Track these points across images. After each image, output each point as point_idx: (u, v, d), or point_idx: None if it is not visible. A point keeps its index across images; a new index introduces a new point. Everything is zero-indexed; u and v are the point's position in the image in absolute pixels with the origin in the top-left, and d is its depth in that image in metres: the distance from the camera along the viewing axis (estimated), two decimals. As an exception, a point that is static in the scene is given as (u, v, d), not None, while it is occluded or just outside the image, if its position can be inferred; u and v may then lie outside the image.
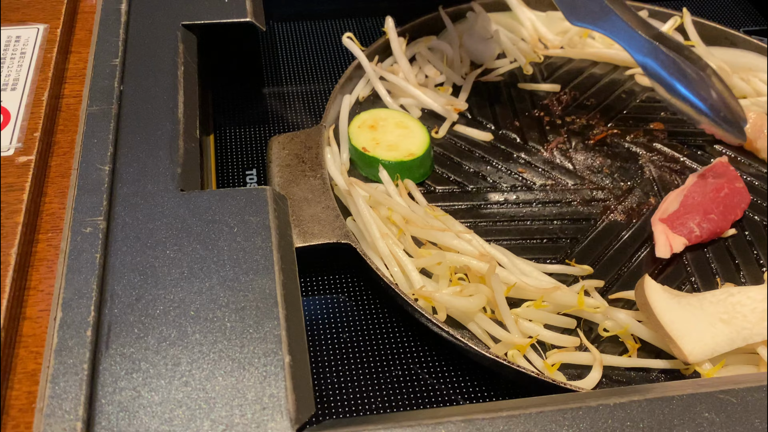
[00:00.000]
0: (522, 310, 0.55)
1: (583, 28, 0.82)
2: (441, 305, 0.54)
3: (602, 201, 0.67)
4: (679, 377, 0.53)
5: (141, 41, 0.61)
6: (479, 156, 0.71)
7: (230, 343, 0.41)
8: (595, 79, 0.81)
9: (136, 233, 0.46)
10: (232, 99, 0.80)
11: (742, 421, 0.39)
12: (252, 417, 0.38)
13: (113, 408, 0.38)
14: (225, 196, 0.49)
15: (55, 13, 0.63)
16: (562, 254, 0.62)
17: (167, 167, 0.51)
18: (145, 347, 0.41)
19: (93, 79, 0.57)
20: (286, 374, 0.40)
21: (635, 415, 0.39)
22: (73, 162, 0.51)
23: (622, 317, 0.55)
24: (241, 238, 0.47)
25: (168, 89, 0.57)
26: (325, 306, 0.60)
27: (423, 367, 0.55)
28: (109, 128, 0.53)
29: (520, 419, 0.38)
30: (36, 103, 0.54)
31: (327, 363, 0.55)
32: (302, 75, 0.84)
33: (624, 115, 0.77)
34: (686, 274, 0.61)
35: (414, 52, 0.80)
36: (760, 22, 0.97)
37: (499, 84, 0.80)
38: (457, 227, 0.60)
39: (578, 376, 0.53)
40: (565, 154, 0.72)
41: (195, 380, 0.39)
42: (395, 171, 0.64)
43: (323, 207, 0.58)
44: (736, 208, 0.65)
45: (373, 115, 0.69)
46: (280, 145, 0.64)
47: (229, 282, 0.44)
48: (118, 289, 0.43)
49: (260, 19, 0.67)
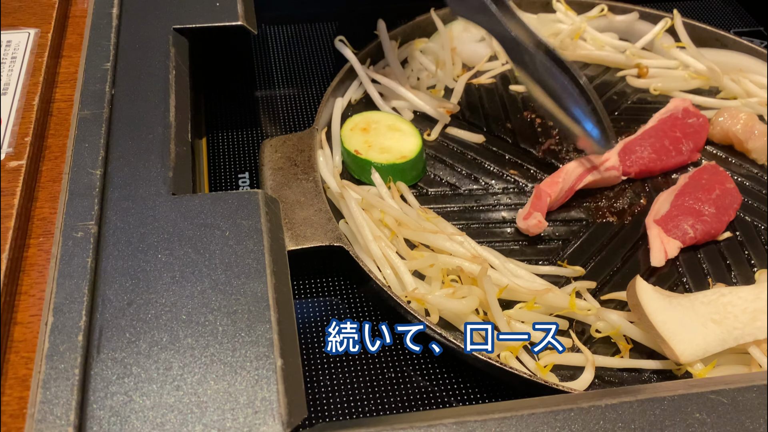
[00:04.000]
0: (514, 311, 0.55)
1: (576, 30, 0.83)
2: (433, 307, 0.54)
3: (593, 202, 0.68)
4: (671, 378, 0.53)
5: (132, 45, 0.61)
6: (471, 158, 0.71)
7: (222, 347, 0.41)
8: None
9: (128, 237, 0.46)
10: (224, 102, 0.80)
11: (733, 422, 0.39)
12: (244, 421, 0.38)
13: (105, 413, 0.38)
14: (216, 200, 0.49)
15: (46, 17, 0.63)
16: (553, 256, 0.63)
17: (159, 171, 0.51)
18: (136, 352, 0.41)
19: (84, 83, 0.57)
20: (278, 378, 0.40)
21: (627, 416, 0.39)
22: (64, 166, 0.51)
23: (614, 318, 0.55)
24: (233, 242, 0.47)
25: (159, 93, 0.57)
26: (317, 309, 0.60)
27: (415, 369, 0.55)
28: (100, 132, 0.53)
29: (512, 421, 0.38)
30: (27, 108, 0.54)
31: (319, 366, 0.55)
32: (294, 78, 0.85)
33: (615, 117, 0.77)
34: (678, 275, 0.62)
35: (406, 54, 0.80)
36: (750, 23, 0.98)
37: (491, 86, 0.80)
38: (450, 229, 0.60)
39: (571, 377, 0.53)
40: (556, 156, 0.72)
41: (187, 384, 0.39)
42: (387, 173, 0.65)
43: (315, 210, 0.58)
44: (728, 208, 0.65)
45: (365, 118, 0.69)
46: (272, 148, 0.64)
47: (221, 286, 0.44)
48: (110, 294, 0.43)
49: (251, 23, 0.67)
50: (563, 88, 0.63)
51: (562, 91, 0.64)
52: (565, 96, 0.64)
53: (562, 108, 0.65)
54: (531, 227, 0.62)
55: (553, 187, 0.65)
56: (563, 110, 0.65)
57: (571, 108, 0.64)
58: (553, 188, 0.64)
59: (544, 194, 0.64)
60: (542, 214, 0.63)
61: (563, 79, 0.63)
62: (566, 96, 0.64)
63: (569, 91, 0.63)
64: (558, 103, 0.65)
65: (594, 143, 0.64)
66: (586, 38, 0.85)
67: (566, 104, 0.64)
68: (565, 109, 0.64)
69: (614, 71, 0.83)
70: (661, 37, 0.83)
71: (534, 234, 0.63)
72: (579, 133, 0.65)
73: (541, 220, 0.62)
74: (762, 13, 0.99)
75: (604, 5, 0.86)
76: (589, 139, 0.64)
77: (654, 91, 0.80)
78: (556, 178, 0.65)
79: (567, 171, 0.66)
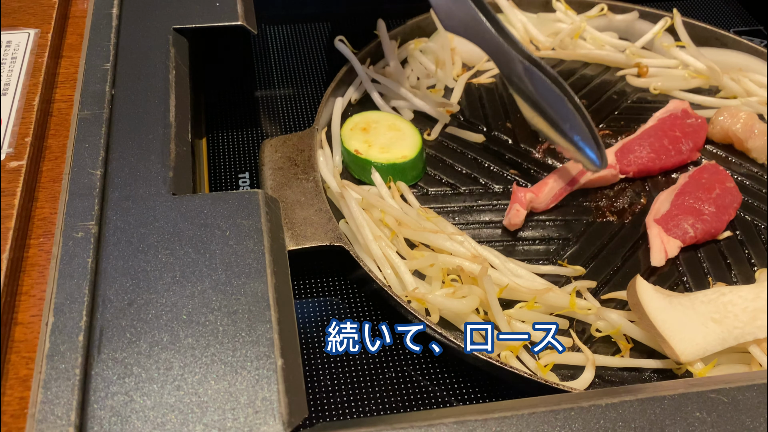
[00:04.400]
0: (514, 311, 0.55)
1: (576, 29, 0.83)
2: (434, 307, 0.54)
3: (594, 202, 0.68)
4: (672, 377, 0.53)
5: (132, 45, 0.61)
6: (471, 158, 0.71)
7: (222, 346, 0.41)
8: (586, 80, 0.81)
9: (128, 237, 0.46)
10: (224, 102, 0.80)
11: (733, 420, 0.39)
12: (244, 420, 0.38)
13: (105, 413, 0.38)
14: (217, 200, 0.49)
15: (46, 17, 0.63)
16: (554, 255, 0.63)
17: (159, 171, 0.51)
18: (137, 352, 0.41)
19: (84, 83, 0.57)
20: (278, 377, 0.40)
21: (627, 415, 0.39)
22: (64, 167, 0.51)
23: (615, 317, 0.55)
24: (234, 242, 0.47)
25: (159, 93, 0.57)
26: (317, 309, 0.60)
27: (416, 368, 0.55)
28: (100, 133, 0.53)
29: (512, 420, 0.38)
30: (27, 108, 0.54)
31: (320, 366, 0.55)
32: (294, 78, 0.85)
33: (615, 116, 0.77)
34: (678, 274, 0.62)
35: (406, 54, 0.80)
36: (750, 22, 0.98)
37: (491, 86, 0.80)
38: (450, 229, 0.60)
39: (571, 377, 0.53)
40: (556, 156, 0.72)
41: (187, 384, 0.39)
42: (388, 173, 0.65)
43: (316, 210, 0.58)
44: (728, 207, 0.65)
45: (365, 118, 0.70)
46: (272, 148, 0.64)
47: (221, 286, 0.44)
48: (110, 294, 0.43)
49: (251, 23, 0.67)
50: (556, 105, 0.63)
51: (554, 108, 0.64)
52: (557, 113, 0.64)
53: (554, 125, 0.65)
54: (511, 217, 0.63)
55: (542, 187, 0.65)
56: (555, 127, 0.65)
57: (564, 125, 0.64)
58: (541, 188, 0.65)
59: (520, 191, 0.64)
60: (521, 206, 0.63)
61: (556, 95, 0.62)
62: (559, 113, 0.63)
63: (562, 108, 0.63)
64: (550, 119, 0.65)
65: (588, 162, 0.64)
66: (586, 37, 0.85)
67: (559, 121, 0.64)
68: (557, 126, 0.64)
69: (614, 70, 0.83)
70: (661, 36, 0.84)
71: (517, 225, 0.63)
72: (572, 151, 0.65)
73: (519, 209, 0.63)
74: (762, 12, 0.99)
75: (604, 4, 0.86)
76: (583, 157, 0.64)
77: (654, 91, 0.80)
78: (547, 179, 0.66)
79: (560, 171, 0.67)
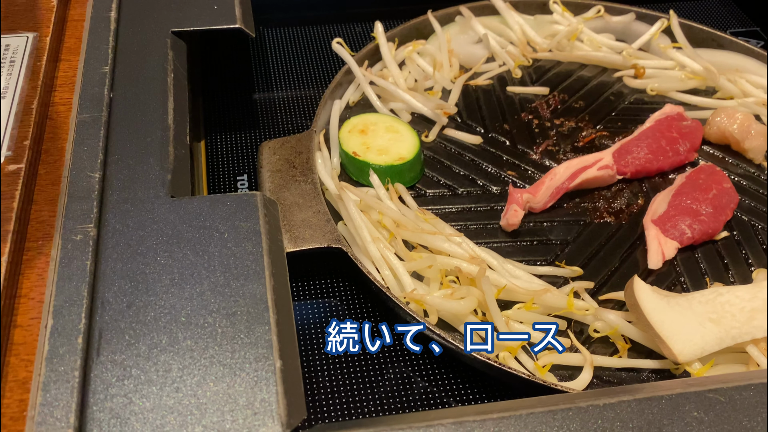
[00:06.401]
0: (512, 312, 0.55)
1: (573, 31, 0.83)
2: (432, 308, 0.54)
3: (591, 202, 0.68)
4: (670, 377, 0.54)
5: (131, 48, 0.61)
6: (469, 159, 0.71)
7: (221, 348, 0.41)
8: (583, 81, 0.81)
9: (127, 240, 0.46)
10: (223, 105, 0.81)
11: (731, 420, 0.39)
12: (243, 422, 0.38)
13: (105, 415, 0.38)
14: (215, 202, 0.50)
15: (45, 21, 0.63)
16: (551, 256, 0.63)
17: (157, 174, 0.51)
18: (136, 354, 0.41)
19: (83, 86, 0.57)
20: (277, 379, 0.40)
21: (625, 415, 0.39)
22: (63, 170, 0.51)
23: (612, 318, 0.55)
24: (232, 244, 0.47)
25: (158, 96, 0.57)
26: (316, 310, 0.60)
27: (414, 370, 0.56)
28: (99, 135, 0.53)
29: (510, 421, 0.39)
30: (26, 111, 0.54)
31: (319, 366, 0.55)
32: (292, 80, 0.85)
33: (612, 117, 0.77)
34: (675, 275, 0.62)
35: (403, 56, 0.80)
36: (746, 23, 0.98)
37: (488, 87, 0.80)
38: (448, 230, 0.61)
39: (569, 377, 0.53)
40: (554, 157, 0.72)
41: (186, 386, 0.39)
42: (386, 175, 0.65)
43: (314, 212, 0.59)
44: (725, 208, 0.65)
45: (363, 120, 0.70)
46: (270, 151, 0.64)
47: (219, 288, 0.44)
48: (109, 296, 0.43)
49: (249, 26, 0.67)
50: None
51: None
52: None
53: None
54: (509, 218, 0.63)
55: (538, 186, 0.65)
56: None
57: None
58: (538, 188, 0.65)
59: (516, 192, 0.64)
60: (518, 206, 0.63)
61: None
62: None
63: None
64: None
65: None
66: (583, 39, 0.85)
67: None
68: None
69: (611, 72, 0.83)
70: (658, 37, 0.84)
71: (514, 226, 0.64)
72: None
73: (516, 210, 0.63)
74: (758, 13, 0.99)
75: (601, 6, 0.86)
76: None
77: (651, 92, 0.80)
78: (544, 179, 0.66)
79: (556, 171, 0.67)
